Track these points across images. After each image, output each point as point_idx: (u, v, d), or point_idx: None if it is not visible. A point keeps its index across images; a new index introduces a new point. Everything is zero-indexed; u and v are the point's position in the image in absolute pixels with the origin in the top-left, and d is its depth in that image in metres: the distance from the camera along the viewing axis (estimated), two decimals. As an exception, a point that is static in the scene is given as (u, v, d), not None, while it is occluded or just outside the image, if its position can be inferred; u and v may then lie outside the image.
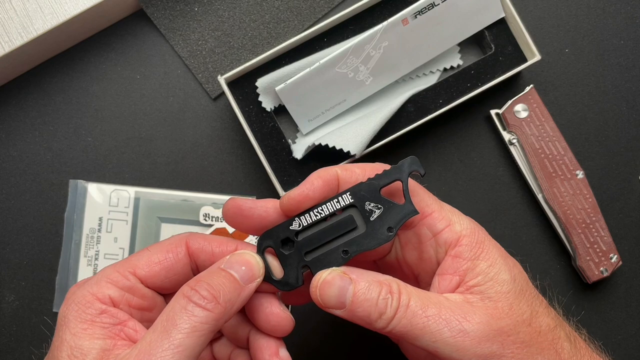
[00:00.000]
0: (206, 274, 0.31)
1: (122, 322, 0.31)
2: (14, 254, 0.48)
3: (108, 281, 0.32)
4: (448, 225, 0.33)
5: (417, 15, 0.45)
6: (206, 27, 0.49)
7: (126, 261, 0.33)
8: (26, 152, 0.48)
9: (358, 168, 0.34)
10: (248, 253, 0.33)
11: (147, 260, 0.33)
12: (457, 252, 0.33)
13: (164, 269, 0.33)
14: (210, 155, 0.49)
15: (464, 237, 0.33)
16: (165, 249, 0.33)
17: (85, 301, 0.31)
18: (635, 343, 0.48)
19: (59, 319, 0.31)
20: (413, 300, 0.31)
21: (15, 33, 0.44)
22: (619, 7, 0.50)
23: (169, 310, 0.30)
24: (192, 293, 0.30)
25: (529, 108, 0.48)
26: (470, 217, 0.35)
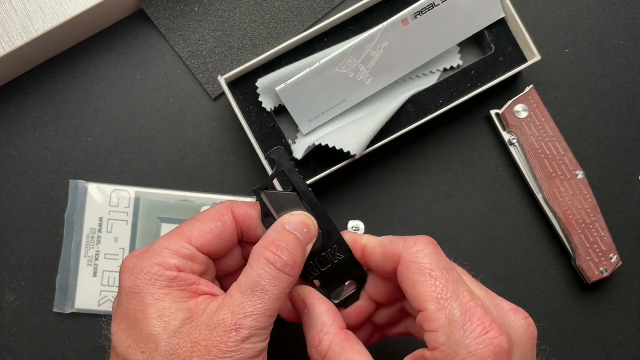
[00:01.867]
0: (279, 236, 0.34)
1: (194, 282, 0.34)
2: (14, 254, 0.48)
3: (170, 252, 0.34)
4: (433, 331, 0.31)
5: (417, 15, 0.45)
6: (206, 27, 0.49)
7: (179, 232, 0.35)
8: (26, 152, 0.48)
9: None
10: (305, 215, 0.36)
11: (199, 229, 0.35)
12: (426, 355, 0.31)
13: (215, 236, 0.35)
14: (210, 155, 0.49)
15: (439, 351, 0.30)
16: (214, 217, 0.36)
17: (154, 271, 0.33)
18: (635, 343, 0.48)
19: (129, 288, 0.33)
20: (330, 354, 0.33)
21: (15, 33, 0.44)
22: (619, 7, 0.50)
23: (255, 274, 0.32)
24: (276, 259, 0.33)
25: (528, 108, 0.48)
26: (487, 330, 0.30)
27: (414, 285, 0.32)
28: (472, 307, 0.31)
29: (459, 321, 0.30)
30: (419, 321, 0.32)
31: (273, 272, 0.32)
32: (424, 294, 0.31)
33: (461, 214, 0.49)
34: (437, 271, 0.32)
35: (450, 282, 0.31)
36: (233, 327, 0.31)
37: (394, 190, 0.49)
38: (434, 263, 0.32)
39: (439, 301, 0.31)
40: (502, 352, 0.30)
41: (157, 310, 0.32)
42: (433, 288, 0.31)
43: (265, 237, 0.34)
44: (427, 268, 0.32)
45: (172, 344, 0.31)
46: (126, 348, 0.32)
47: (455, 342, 0.30)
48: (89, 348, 0.47)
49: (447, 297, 0.31)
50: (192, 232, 0.35)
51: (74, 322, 0.47)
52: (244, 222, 0.36)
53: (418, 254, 0.33)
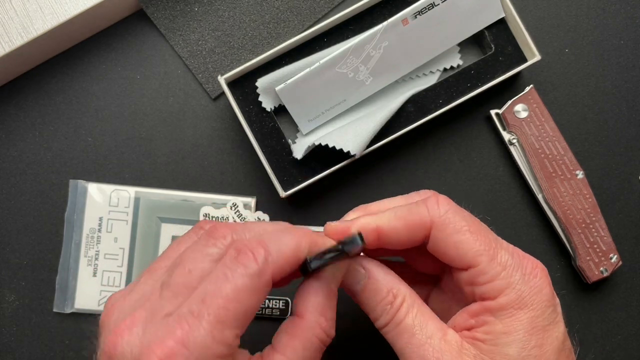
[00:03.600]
0: (328, 303, 0.32)
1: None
2: (14, 254, 0.48)
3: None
4: (490, 281, 0.32)
5: (417, 15, 0.45)
6: (206, 27, 0.49)
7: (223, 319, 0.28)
8: (26, 152, 0.48)
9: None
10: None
11: (243, 316, 0.29)
12: (487, 305, 0.32)
13: (249, 316, 0.29)
14: (210, 155, 0.49)
15: (503, 295, 0.31)
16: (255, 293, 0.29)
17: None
18: (635, 343, 0.48)
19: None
20: (407, 321, 0.32)
21: (15, 33, 0.44)
22: (619, 7, 0.51)
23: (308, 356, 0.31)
24: (327, 339, 0.32)
25: (528, 108, 0.48)
26: (536, 267, 0.32)
27: (457, 245, 0.32)
28: (513, 250, 0.33)
29: (512, 265, 0.32)
30: (469, 278, 0.32)
31: (322, 346, 0.31)
32: (471, 250, 0.32)
33: (461, 214, 0.49)
34: (473, 226, 0.32)
35: (489, 233, 0.33)
36: None
37: (394, 190, 0.49)
38: (467, 218, 0.33)
39: (488, 252, 0.32)
40: (551, 282, 0.32)
41: None
42: (479, 243, 0.32)
43: (313, 297, 0.31)
44: (464, 225, 0.32)
45: None
46: None
47: (517, 283, 0.31)
48: (89, 348, 0.47)
49: (494, 247, 0.32)
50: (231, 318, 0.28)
51: (74, 322, 0.47)
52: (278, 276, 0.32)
53: (448, 214, 0.33)
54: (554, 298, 0.32)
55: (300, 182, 0.46)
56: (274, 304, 0.47)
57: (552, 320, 0.32)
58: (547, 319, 0.31)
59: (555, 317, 0.32)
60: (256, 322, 0.47)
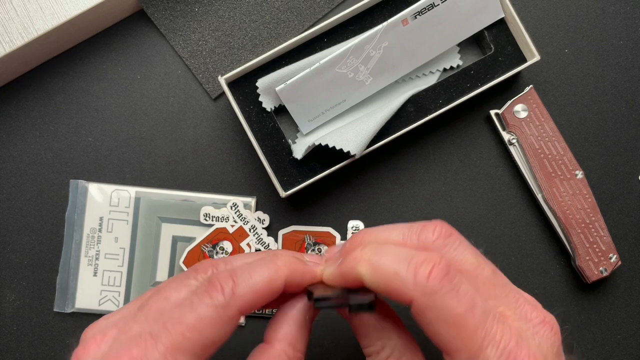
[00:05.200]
0: (299, 332, 0.31)
1: None
2: (14, 254, 0.48)
3: None
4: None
5: (417, 15, 0.45)
6: (206, 28, 0.49)
7: (182, 340, 0.28)
8: (27, 152, 0.48)
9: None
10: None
11: (202, 344, 0.29)
12: None
13: (215, 343, 0.29)
14: (210, 155, 0.49)
15: None
16: (219, 323, 0.29)
17: None
18: (635, 343, 0.48)
19: None
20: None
21: (15, 33, 0.44)
22: (619, 7, 0.51)
23: None
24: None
25: (528, 108, 0.48)
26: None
27: (437, 333, 0.28)
28: (505, 345, 0.28)
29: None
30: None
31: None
32: (450, 344, 0.27)
33: (461, 214, 0.49)
34: (460, 317, 0.27)
35: (480, 324, 0.27)
36: None
37: (394, 190, 0.49)
38: (454, 302, 0.27)
39: (471, 350, 0.27)
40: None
41: None
42: (460, 340, 0.27)
43: (284, 326, 0.31)
44: (450, 316, 0.27)
45: None
46: None
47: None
48: (89, 348, 0.47)
49: (478, 344, 0.27)
50: (194, 340, 0.28)
51: (75, 322, 0.47)
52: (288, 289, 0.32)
53: (435, 297, 0.27)
54: None
55: (300, 182, 0.46)
56: (274, 303, 0.47)
57: None
58: None
59: None
60: (257, 321, 0.47)
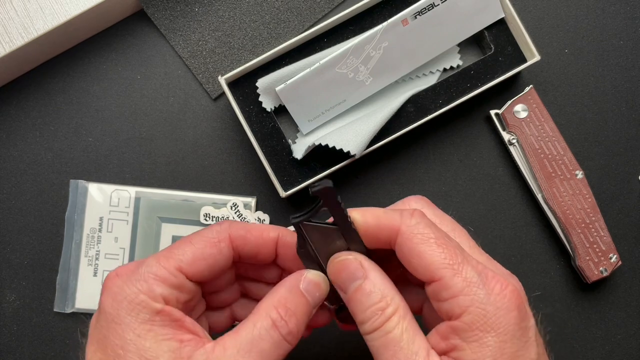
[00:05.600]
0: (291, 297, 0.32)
1: (179, 319, 0.31)
2: (14, 254, 0.48)
3: (157, 279, 0.31)
4: (453, 297, 0.30)
5: (417, 15, 0.45)
6: (206, 28, 0.49)
7: (170, 255, 0.33)
8: (27, 152, 0.48)
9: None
10: (322, 277, 0.34)
11: (192, 255, 0.33)
12: (454, 325, 0.30)
13: (208, 265, 0.33)
14: (210, 155, 0.49)
15: (467, 314, 0.30)
16: (209, 243, 0.33)
17: (138, 300, 0.31)
18: (635, 343, 0.48)
19: (109, 315, 0.31)
20: (396, 332, 0.30)
21: (15, 33, 0.44)
22: (619, 7, 0.51)
23: (257, 334, 0.31)
24: (282, 324, 0.31)
25: (528, 108, 0.48)
26: (505, 287, 0.30)
27: (421, 256, 0.31)
28: (482, 268, 0.31)
29: (477, 282, 0.30)
30: (432, 292, 0.31)
31: (275, 337, 0.31)
32: (434, 263, 0.30)
33: (461, 214, 0.49)
34: (440, 239, 0.31)
35: (457, 248, 0.31)
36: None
37: (394, 190, 0.49)
38: (436, 232, 0.31)
39: (452, 266, 0.30)
40: (522, 303, 0.30)
41: (137, 349, 0.30)
42: (443, 256, 0.30)
43: (276, 293, 0.33)
44: (432, 237, 0.31)
45: None
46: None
47: (481, 301, 0.30)
48: (89, 348, 0.47)
49: (459, 262, 0.30)
50: (185, 257, 0.32)
51: (75, 322, 0.47)
52: (242, 249, 0.35)
53: (419, 226, 0.31)
54: (524, 320, 0.30)
55: (300, 182, 0.46)
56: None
57: (523, 345, 0.30)
58: (517, 344, 0.30)
59: (527, 341, 0.30)
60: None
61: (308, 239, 0.33)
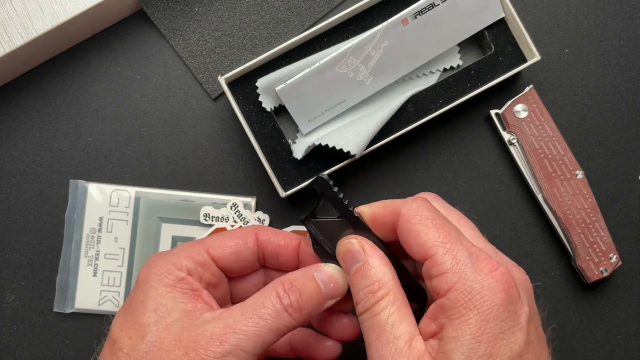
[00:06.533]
0: (301, 277, 0.35)
1: (197, 289, 0.35)
2: (14, 254, 0.48)
3: (186, 254, 0.36)
4: (442, 274, 0.31)
5: (417, 15, 0.45)
6: (206, 28, 0.49)
7: (201, 241, 0.37)
8: (26, 152, 0.48)
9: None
10: (339, 271, 0.36)
11: (220, 243, 0.37)
12: (441, 303, 0.31)
13: (233, 253, 0.37)
14: (210, 155, 0.49)
15: (453, 290, 0.30)
16: (236, 235, 0.38)
17: (166, 268, 0.35)
18: (635, 343, 0.48)
19: (140, 280, 0.35)
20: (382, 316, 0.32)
21: (15, 33, 0.44)
22: (619, 7, 0.51)
23: (261, 301, 0.33)
24: (284, 296, 0.34)
25: (528, 108, 0.48)
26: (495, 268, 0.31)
27: (418, 234, 0.32)
28: (476, 250, 0.32)
29: (467, 261, 0.31)
30: (425, 269, 0.32)
31: (277, 306, 0.33)
32: (428, 241, 0.32)
33: (461, 214, 0.49)
34: (437, 220, 0.32)
35: (453, 230, 0.32)
36: (218, 338, 0.32)
37: (394, 190, 0.49)
38: (434, 214, 0.33)
39: (445, 245, 0.31)
40: (512, 286, 0.30)
41: (155, 304, 0.34)
42: (437, 235, 0.32)
43: (290, 273, 0.35)
44: (429, 218, 0.32)
45: (157, 337, 0.33)
46: (118, 331, 0.34)
47: (467, 279, 0.30)
48: (89, 348, 0.47)
49: (452, 241, 0.31)
50: (214, 243, 0.37)
51: (74, 322, 0.47)
52: (265, 247, 0.38)
53: (419, 208, 0.33)
54: (513, 303, 0.30)
55: (300, 182, 0.46)
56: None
57: (508, 328, 0.30)
58: (501, 325, 0.29)
59: (514, 325, 0.30)
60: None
61: (320, 235, 0.36)
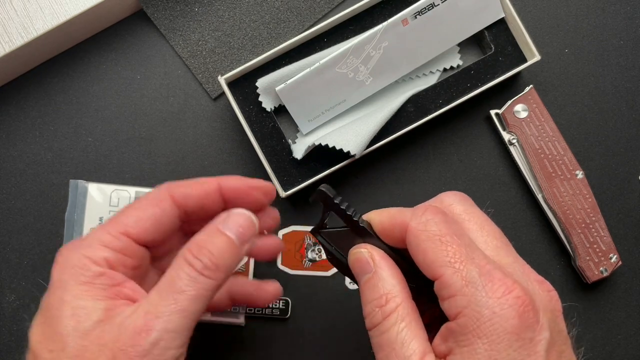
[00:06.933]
0: (206, 237, 0.32)
1: (120, 283, 0.32)
2: (14, 254, 0.48)
3: (101, 244, 0.32)
4: (451, 296, 0.29)
5: (417, 15, 0.45)
6: (206, 28, 0.49)
7: (115, 221, 0.33)
8: (26, 152, 0.48)
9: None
10: (243, 213, 0.34)
11: (136, 218, 0.33)
12: (450, 327, 0.29)
13: (153, 224, 0.34)
14: (210, 155, 0.49)
15: (462, 316, 0.28)
16: (151, 203, 0.34)
17: (81, 264, 0.31)
18: (635, 343, 0.48)
19: (54, 282, 0.32)
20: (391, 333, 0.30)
21: (15, 33, 0.44)
22: (619, 7, 0.51)
23: (174, 275, 0.31)
24: (195, 261, 0.31)
25: (528, 108, 0.48)
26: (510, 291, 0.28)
27: (426, 253, 0.30)
28: (490, 269, 0.29)
29: (477, 282, 0.28)
30: (436, 290, 0.30)
31: (191, 273, 0.31)
32: (437, 260, 0.29)
33: (461, 214, 0.49)
34: (447, 237, 0.30)
35: (463, 246, 0.30)
36: (143, 329, 0.29)
37: (394, 190, 0.49)
38: (443, 229, 0.30)
39: (454, 264, 0.29)
40: (528, 311, 0.28)
41: (72, 308, 0.30)
42: (445, 253, 0.29)
43: (193, 238, 0.33)
44: (437, 234, 0.30)
45: (79, 346, 0.30)
46: (37, 343, 0.31)
47: (477, 303, 0.28)
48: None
49: (462, 259, 0.29)
50: (129, 220, 0.33)
51: (74, 322, 0.47)
52: (186, 205, 0.35)
53: (427, 223, 0.31)
54: (528, 331, 0.28)
55: (300, 182, 0.46)
56: (274, 304, 0.47)
57: (522, 359, 0.27)
58: (513, 356, 0.27)
59: (529, 355, 0.27)
60: (256, 322, 0.47)
61: (332, 245, 0.35)
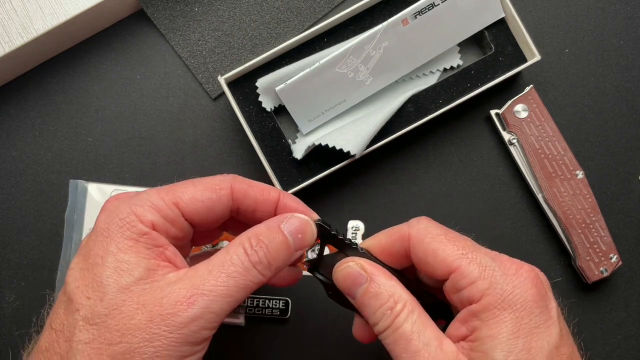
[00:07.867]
0: (267, 231, 0.33)
1: (162, 245, 0.32)
2: (14, 254, 0.48)
3: (152, 207, 0.32)
4: (472, 283, 0.31)
5: (417, 15, 0.45)
6: (206, 28, 0.49)
7: (170, 190, 0.33)
8: (26, 152, 0.48)
9: None
10: (308, 221, 0.34)
11: (192, 196, 0.33)
12: (473, 308, 0.31)
13: (206, 209, 0.34)
14: (210, 155, 0.49)
15: (486, 296, 0.31)
16: (210, 188, 0.34)
17: (129, 219, 0.32)
18: (635, 343, 0.48)
19: (100, 229, 0.32)
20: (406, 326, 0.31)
21: (15, 33, 0.44)
22: (619, 7, 0.51)
23: (228, 259, 0.31)
24: (252, 253, 0.32)
25: (528, 108, 0.48)
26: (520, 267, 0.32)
27: (436, 252, 0.32)
28: (496, 254, 0.33)
29: (493, 266, 0.32)
30: (451, 284, 0.32)
31: (246, 263, 0.31)
32: (449, 256, 0.32)
33: (461, 214, 0.49)
34: (450, 234, 0.33)
35: (467, 240, 0.33)
36: (186, 301, 0.29)
37: (394, 190, 0.49)
38: (443, 230, 0.33)
39: (467, 255, 0.32)
40: (540, 283, 0.32)
41: (115, 260, 0.31)
42: (456, 248, 0.32)
43: (254, 227, 0.33)
44: (441, 234, 0.33)
45: (118, 299, 0.30)
46: (75, 288, 0.31)
47: (498, 283, 0.31)
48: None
49: (472, 250, 0.32)
50: (184, 196, 0.33)
51: (74, 322, 0.47)
52: (242, 202, 0.35)
53: (428, 227, 0.33)
54: (543, 299, 0.31)
55: (300, 182, 0.46)
56: (274, 304, 0.47)
57: (543, 323, 0.31)
58: (536, 320, 0.31)
59: (547, 319, 0.31)
60: (256, 322, 0.47)
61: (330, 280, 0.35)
